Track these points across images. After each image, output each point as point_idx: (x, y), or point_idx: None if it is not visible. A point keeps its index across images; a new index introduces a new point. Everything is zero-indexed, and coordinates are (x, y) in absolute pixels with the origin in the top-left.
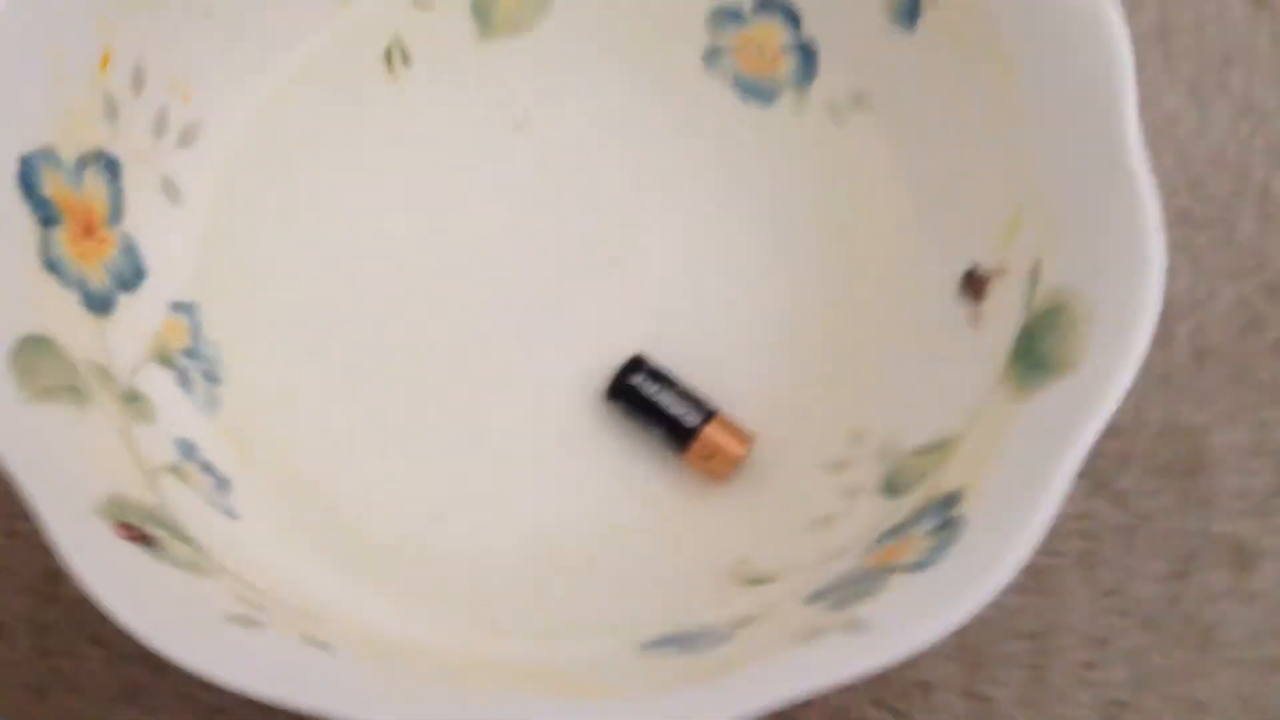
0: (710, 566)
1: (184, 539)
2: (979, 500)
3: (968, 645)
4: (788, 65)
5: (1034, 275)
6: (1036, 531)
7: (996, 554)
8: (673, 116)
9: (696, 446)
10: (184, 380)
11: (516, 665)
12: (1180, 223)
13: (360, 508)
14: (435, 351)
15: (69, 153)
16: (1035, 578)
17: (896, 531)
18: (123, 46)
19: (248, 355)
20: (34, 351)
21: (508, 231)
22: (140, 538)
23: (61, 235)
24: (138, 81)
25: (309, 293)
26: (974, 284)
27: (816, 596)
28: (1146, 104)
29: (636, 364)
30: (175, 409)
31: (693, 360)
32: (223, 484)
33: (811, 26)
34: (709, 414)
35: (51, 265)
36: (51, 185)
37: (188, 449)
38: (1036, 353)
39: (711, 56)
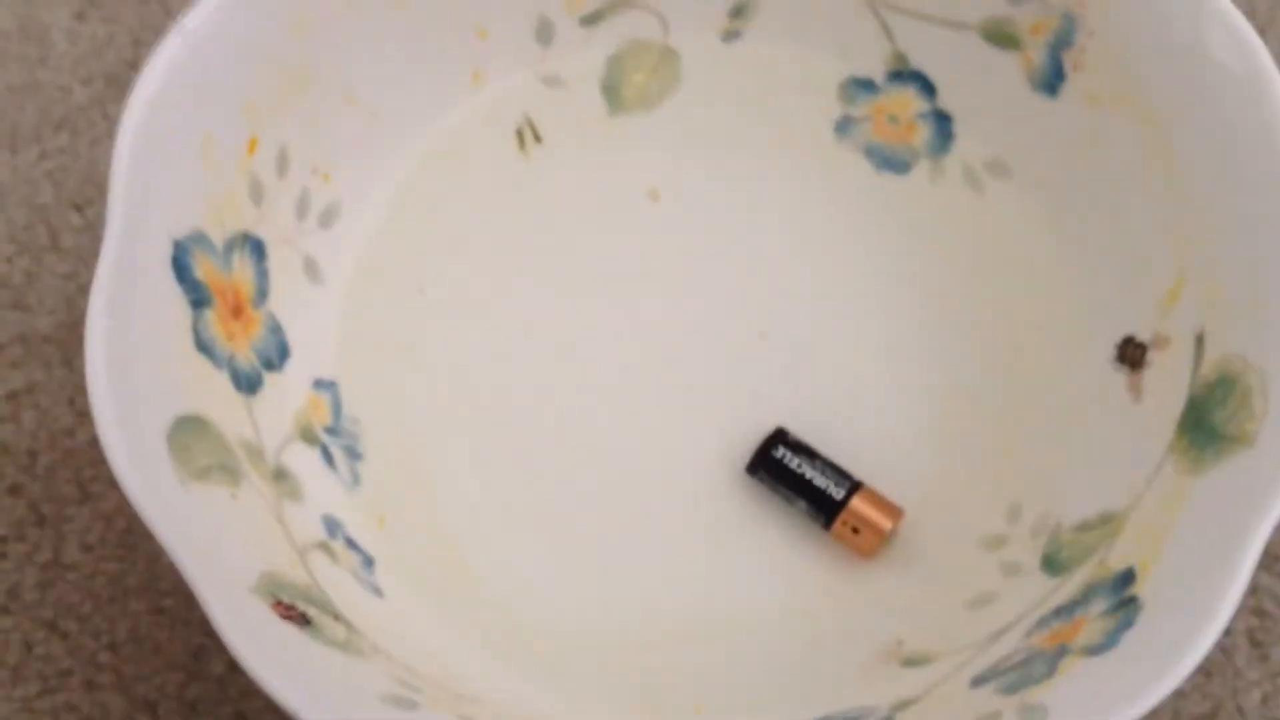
0: (864, 647)
1: (337, 617)
2: (1157, 580)
3: None
4: (922, 134)
5: (1199, 344)
6: (1224, 616)
7: (1183, 638)
8: (806, 186)
9: (844, 519)
10: (327, 457)
11: None
12: None
13: (504, 588)
14: (577, 428)
15: (218, 236)
16: (1204, 658)
17: (1065, 611)
18: (267, 131)
19: (387, 431)
20: (190, 432)
21: (648, 304)
22: (296, 617)
23: (212, 316)
24: (282, 165)
25: (448, 369)
26: (1132, 353)
27: (984, 679)
28: None
29: (780, 436)
30: (320, 486)
31: (838, 435)
32: (368, 562)
33: (947, 95)
34: (855, 485)
35: (203, 346)
36: (202, 268)
37: (334, 526)
38: (1208, 425)
39: (844, 126)
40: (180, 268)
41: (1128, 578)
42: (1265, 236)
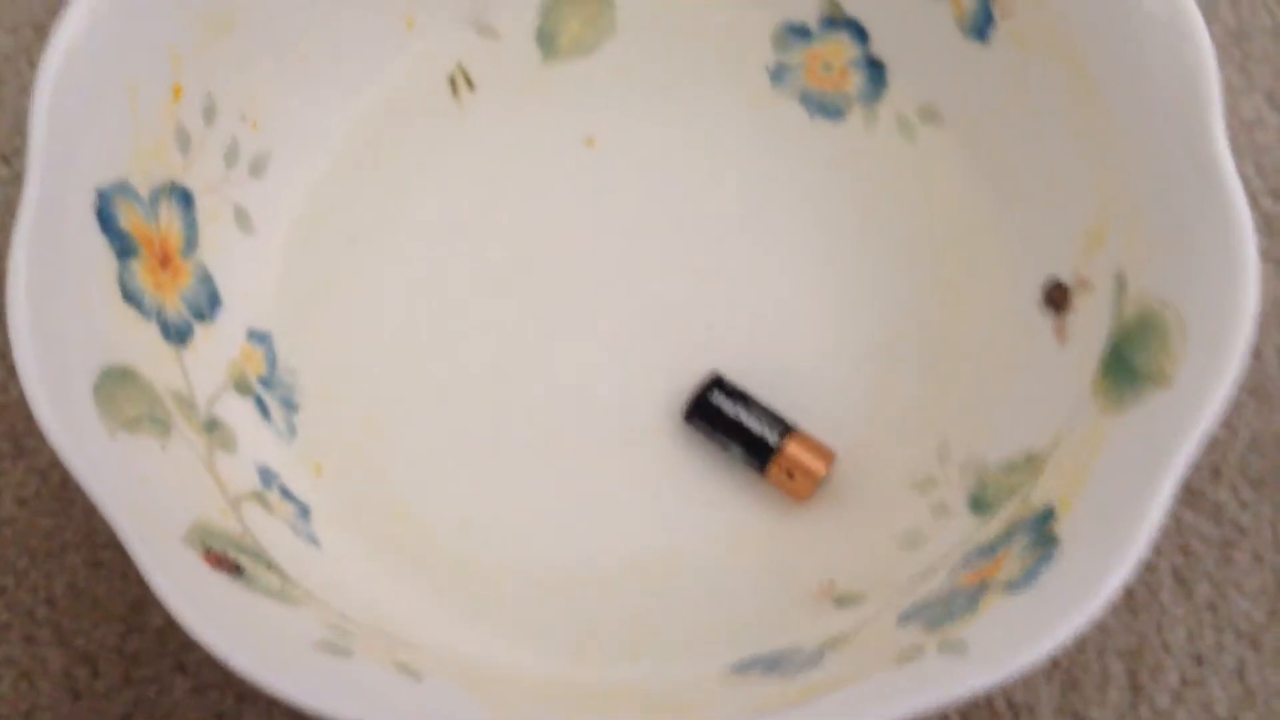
0: (797, 587)
1: (270, 566)
2: (1076, 517)
3: (1062, 665)
4: (856, 81)
5: (1120, 286)
6: (1140, 550)
7: (1098, 574)
8: (742, 134)
9: (778, 463)
10: (262, 408)
11: (605, 689)
12: (1264, 231)
13: (441, 534)
14: (511, 374)
15: (143, 185)
16: (1129, 595)
17: (988, 549)
18: (193, 78)
19: (324, 382)
20: (117, 382)
21: (583, 252)
22: (227, 565)
23: (139, 267)
24: (209, 113)
25: (383, 319)
26: (1056, 296)
27: (909, 616)
28: (1225, 110)
29: (715, 383)
30: (255, 436)
31: (771, 380)
32: (304, 511)
33: (880, 41)
34: (788, 429)
35: (130, 296)
36: (128, 218)
37: (269, 476)
38: (1128, 366)
39: (778, 74)
40: (104, 218)
41: (1047, 515)
42: (1185, 179)
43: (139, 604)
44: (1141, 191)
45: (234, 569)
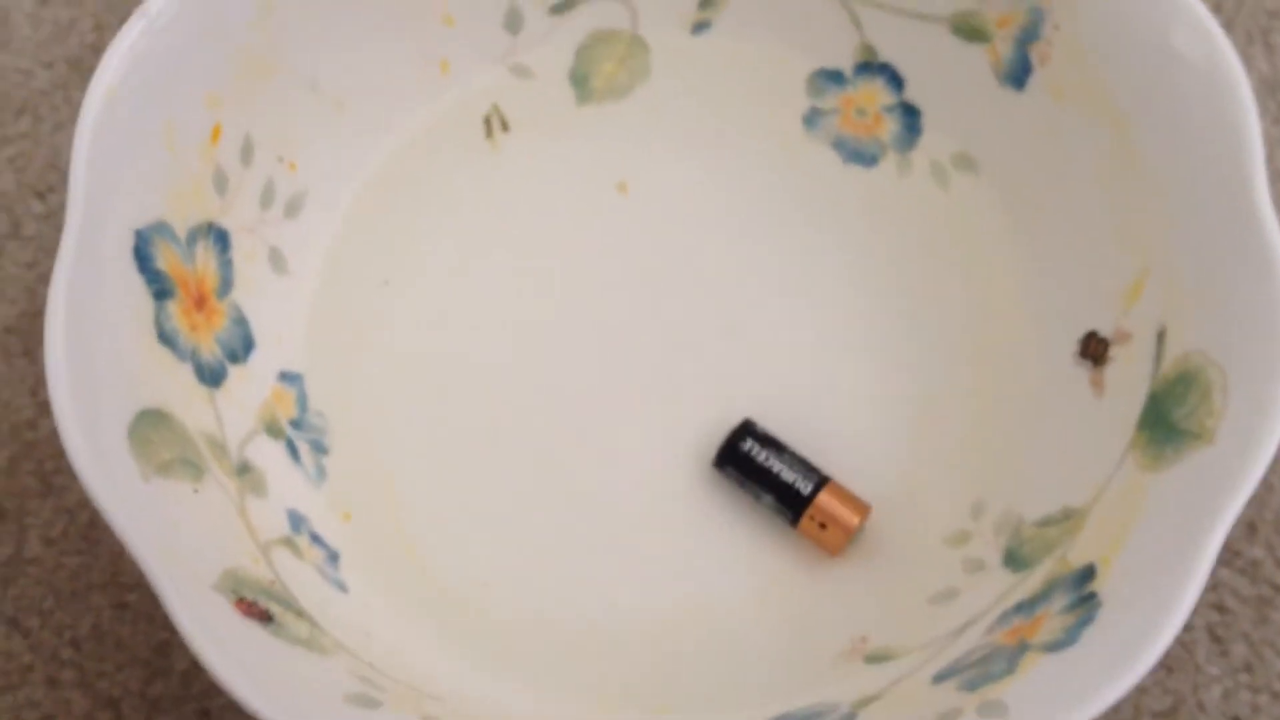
0: (828, 643)
1: (300, 614)
2: (1117, 577)
3: None
4: (890, 127)
5: (1160, 339)
6: (1183, 612)
7: (1142, 636)
8: (775, 180)
9: (810, 515)
10: (292, 450)
11: None
12: None
13: (466, 585)
14: (543, 421)
15: (181, 226)
16: (1165, 653)
17: (1026, 607)
18: (231, 120)
19: (353, 425)
20: (151, 425)
21: (615, 296)
22: (258, 613)
23: (175, 308)
24: (246, 154)
25: (414, 362)
26: (1094, 348)
27: (945, 675)
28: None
29: (747, 428)
30: (285, 480)
31: (803, 431)
32: (333, 556)
33: (915, 87)
34: (822, 480)
35: (165, 338)
36: (165, 258)
37: (298, 521)
38: (1168, 422)
39: (812, 119)
40: (142, 258)
41: (1088, 574)
42: (1226, 232)
43: (164, 647)
44: (1181, 244)
45: (264, 617)
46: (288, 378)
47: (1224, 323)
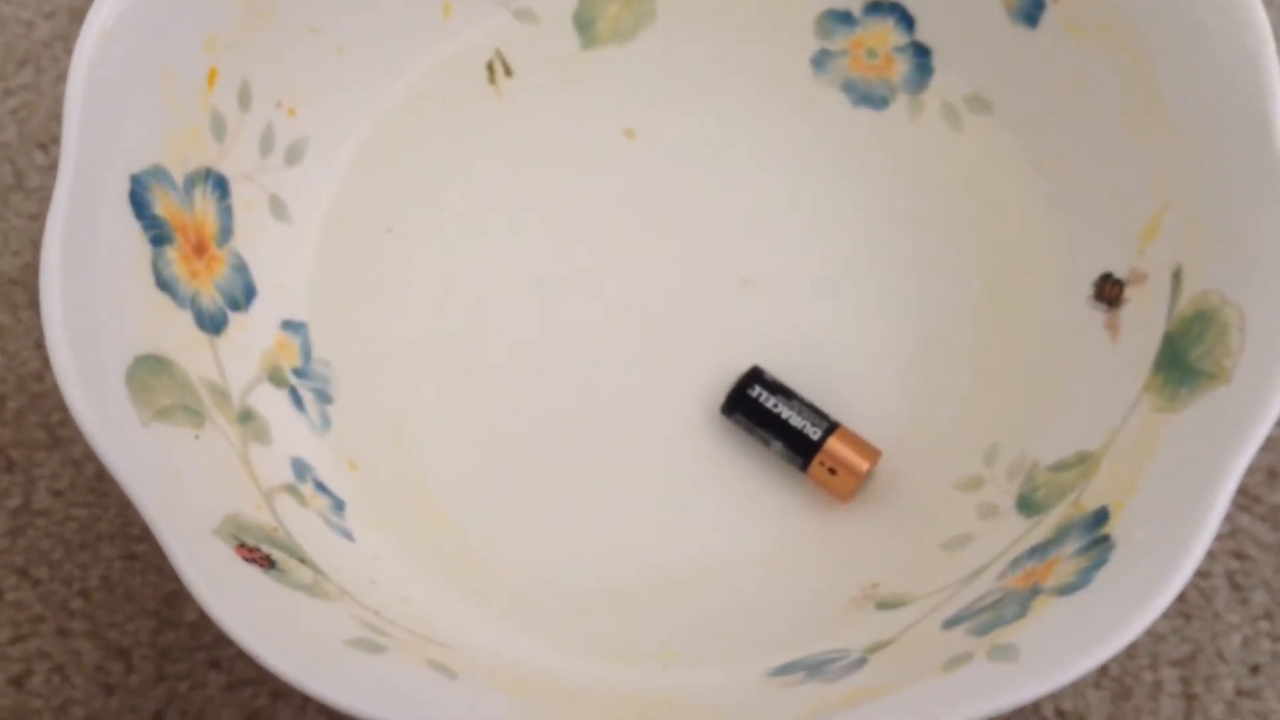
0: (839, 590)
1: (303, 560)
2: (1130, 520)
3: (1113, 673)
4: (901, 68)
5: (1176, 280)
6: (1197, 554)
7: (1155, 578)
8: (783, 123)
9: (820, 460)
10: (296, 399)
11: (642, 693)
12: None
13: (474, 534)
14: (551, 369)
15: (178, 171)
16: (1183, 601)
17: (1038, 552)
18: (228, 64)
19: (358, 374)
20: (150, 371)
21: (623, 243)
22: (260, 559)
23: (173, 254)
24: (244, 99)
25: (417, 311)
26: (1109, 290)
27: (956, 620)
28: None
29: (755, 375)
30: (289, 428)
31: (813, 378)
32: (338, 505)
33: (926, 27)
34: (832, 426)
35: (164, 284)
36: (162, 203)
37: (303, 469)
38: (1184, 361)
39: (821, 61)
40: (139, 203)
41: (1101, 517)
42: (1244, 169)
43: (173, 598)
44: (1199, 183)
45: (266, 562)
46: (291, 326)
47: (1241, 261)
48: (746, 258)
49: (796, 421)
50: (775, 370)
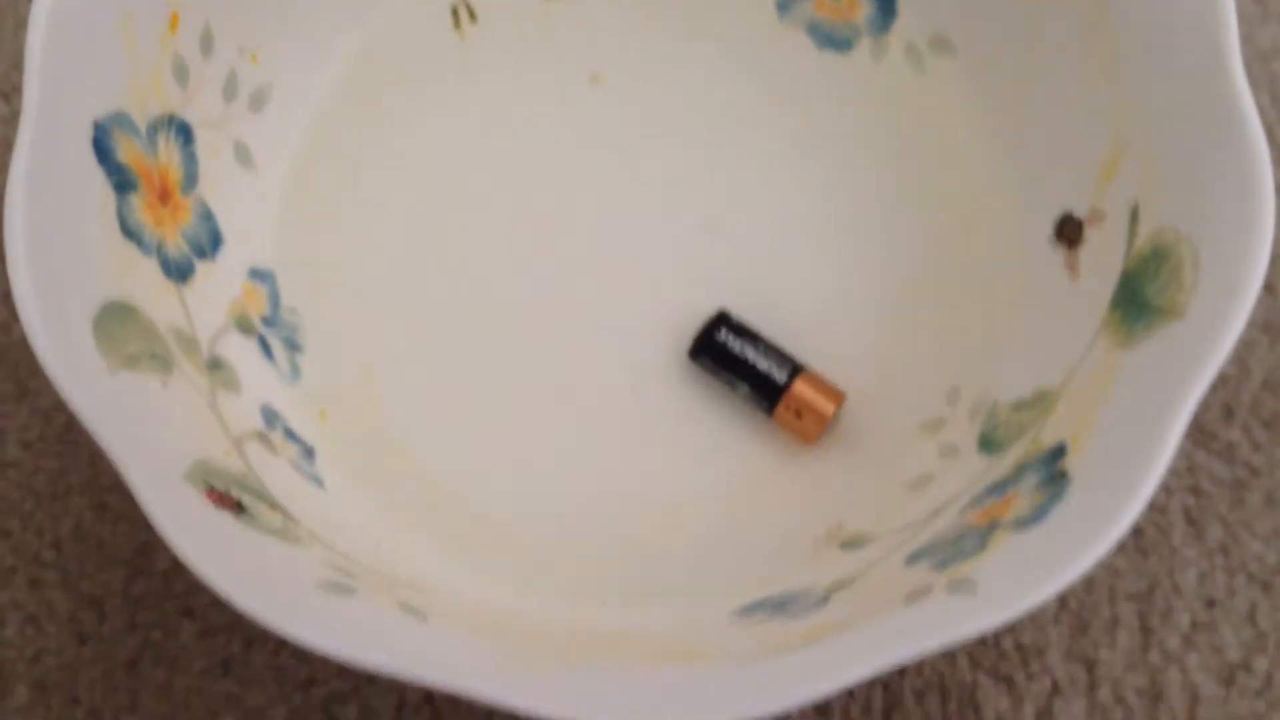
0: (804, 530)
1: (273, 505)
2: (1086, 454)
3: (1071, 607)
4: (865, 10)
5: (1134, 218)
6: (1150, 487)
7: (1110, 511)
8: (748, 67)
9: (786, 403)
10: (265, 348)
11: (610, 633)
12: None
13: (444, 479)
14: (517, 315)
15: (141, 118)
16: (1140, 536)
17: (998, 488)
18: (189, 9)
19: (327, 322)
20: (116, 319)
21: (589, 189)
22: (229, 504)
23: (138, 202)
24: (206, 44)
25: (385, 258)
26: (1069, 230)
27: (917, 556)
28: (1240, 39)
29: (722, 319)
30: (258, 377)
31: (778, 322)
32: (308, 452)
33: None
34: (797, 369)
35: (129, 231)
36: (126, 150)
37: (272, 417)
38: (1140, 298)
39: (785, 4)
40: (102, 150)
41: (1058, 453)
42: (1201, 107)
43: (145, 548)
44: (1156, 122)
45: (236, 507)
46: (259, 275)
47: (1197, 198)
48: (711, 202)
49: (762, 365)
50: (741, 313)
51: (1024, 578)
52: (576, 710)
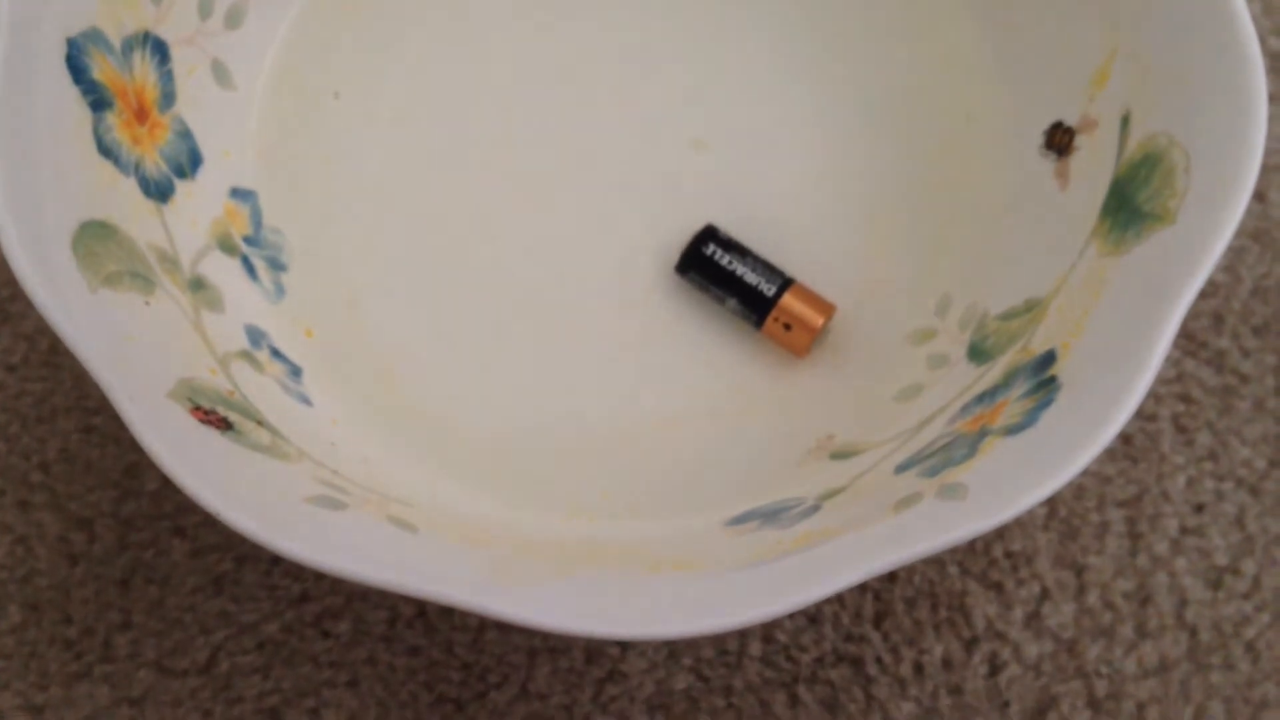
0: (794, 442)
1: (260, 423)
2: (1076, 360)
3: (1061, 514)
4: None
5: (1125, 125)
6: (1139, 391)
7: (1099, 415)
8: None
9: (775, 316)
10: (249, 267)
11: (601, 544)
12: (1273, 71)
13: (433, 395)
14: (504, 231)
15: (115, 34)
16: (1129, 443)
17: (987, 396)
18: None
19: (310, 241)
20: (96, 237)
21: (570, 108)
22: (216, 421)
23: (114, 120)
24: None
25: (368, 177)
26: (1059, 138)
27: (907, 465)
28: None
29: (709, 233)
30: (242, 296)
31: (767, 236)
32: (295, 371)
33: None
34: (787, 281)
35: (106, 150)
36: (100, 68)
37: (258, 336)
38: (1130, 204)
39: None
40: (76, 68)
41: (1048, 359)
42: (1193, 15)
43: (133, 468)
44: (1149, 28)
45: (223, 424)
46: (240, 194)
47: (1188, 104)
48: (699, 117)
49: (751, 278)
50: (729, 229)
51: (1014, 481)
52: (571, 620)
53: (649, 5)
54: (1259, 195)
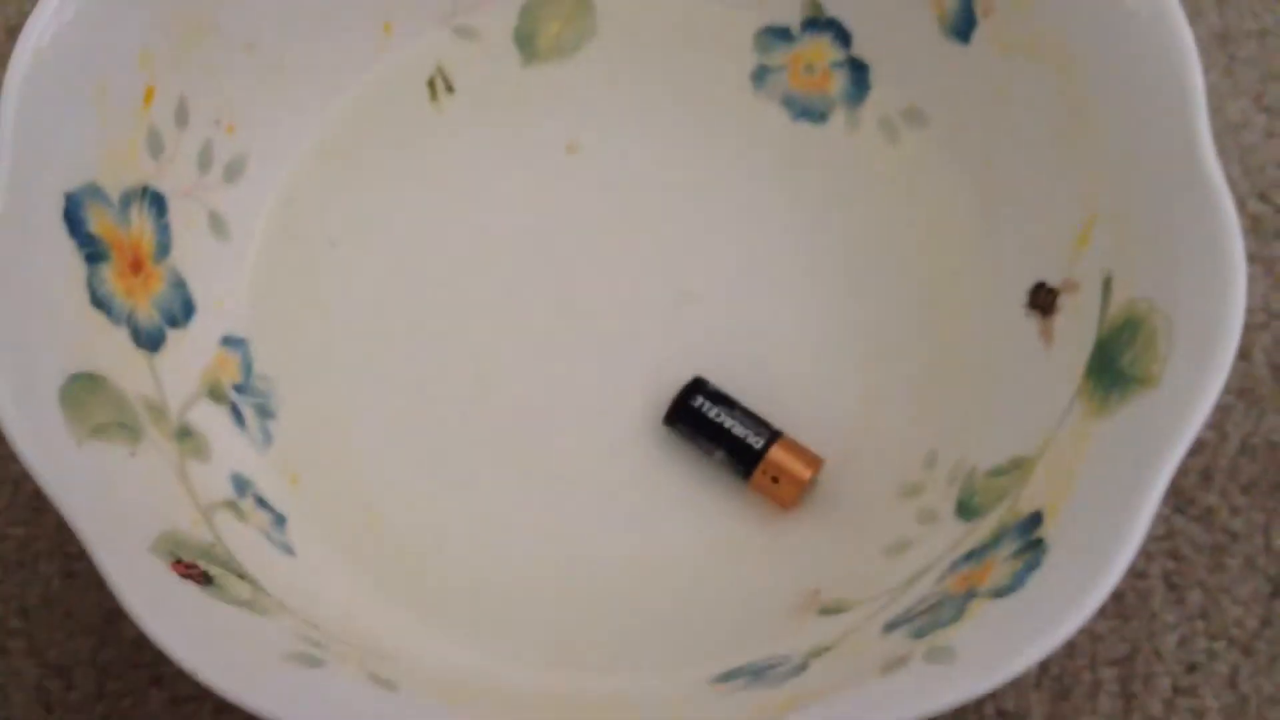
0: (781, 597)
1: (241, 576)
2: (1063, 522)
3: (1053, 672)
4: (839, 82)
5: (1107, 288)
6: (1128, 554)
7: (1087, 579)
8: (724, 137)
9: (763, 469)
10: (237, 415)
11: (585, 700)
12: (1250, 232)
13: (418, 545)
14: (490, 381)
15: (114, 188)
16: (1120, 601)
17: (975, 555)
18: (165, 81)
19: (300, 389)
20: (85, 389)
21: (566, 257)
22: (197, 575)
23: (109, 272)
24: (181, 116)
25: (361, 325)
26: (1042, 298)
27: (895, 624)
28: (1210, 112)
29: (698, 385)
30: (229, 444)
31: (756, 389)
32: (279, 520)
33: (862, 43)
34: (774, 434)
35: (99, 302)
36: (97, 222)
37: (243, 484)
38: (1114, 367)
39: (760, 76)
40: (73, 221)
41: (1035, 520)
42: (1171, 181)
43: (113, 615)
44: (1128, 193)
45: (203, 578)
46: (231, 342)
47: (1168, 269)
48: (688, 269)
49: (739, 431)
50: (717, 380)
51: (1002, 646)
52: None
53: (642, 161)
54: (1243, 354)
